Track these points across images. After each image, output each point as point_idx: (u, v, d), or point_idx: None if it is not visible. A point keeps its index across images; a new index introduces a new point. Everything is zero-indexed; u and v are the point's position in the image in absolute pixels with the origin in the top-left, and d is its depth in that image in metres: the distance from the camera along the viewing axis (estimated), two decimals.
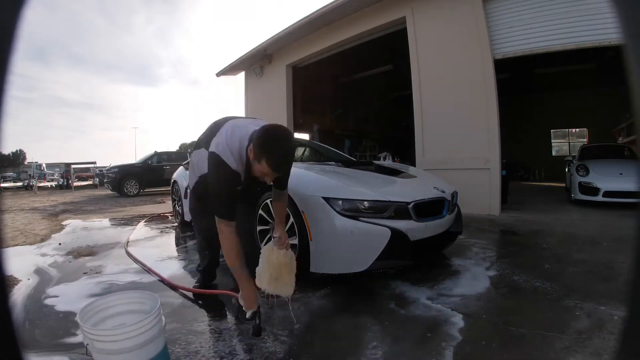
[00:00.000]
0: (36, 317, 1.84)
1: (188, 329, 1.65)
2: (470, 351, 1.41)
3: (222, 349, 1.47)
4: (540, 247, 3.04)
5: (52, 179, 20.00)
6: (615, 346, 1.35)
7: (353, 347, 1.47)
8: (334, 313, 1.82)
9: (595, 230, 3.63)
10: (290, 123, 8.15)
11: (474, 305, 1.85)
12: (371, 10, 5.99)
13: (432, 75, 5.35)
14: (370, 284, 2.16)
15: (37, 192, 13.82)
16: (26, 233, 4.33)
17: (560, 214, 4.66)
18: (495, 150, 4.73)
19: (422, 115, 5.42)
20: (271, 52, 8.24)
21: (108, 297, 1.37)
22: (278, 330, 1.61)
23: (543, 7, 4.43)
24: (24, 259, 3.08)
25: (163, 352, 1.25)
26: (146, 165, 10.68)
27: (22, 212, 6.64)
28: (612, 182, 5.04)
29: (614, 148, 7.07)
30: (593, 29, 4.10)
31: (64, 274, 2.58)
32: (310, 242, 2.05)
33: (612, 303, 1.77)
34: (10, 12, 0.51)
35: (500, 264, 2.57)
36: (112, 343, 1.13)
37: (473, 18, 4.84)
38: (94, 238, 3.96)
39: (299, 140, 4.83)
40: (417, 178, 2.82)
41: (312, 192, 2.13)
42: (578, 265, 2.46)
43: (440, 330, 1.59)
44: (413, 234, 2.13)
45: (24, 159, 46.68)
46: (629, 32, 0.43)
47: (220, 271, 2.24)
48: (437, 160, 5.15)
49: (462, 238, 3.05)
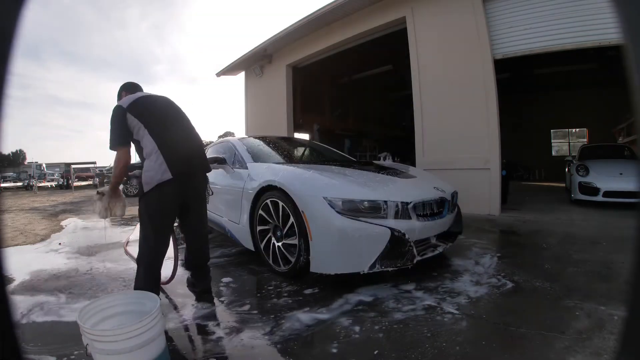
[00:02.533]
0: (34, 316, 1.84)
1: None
2: (470, 351, 1.41)
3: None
4: (540, 247, 3.04)
5: (52, 179, 20.02)
6: (615, 346, 1.35)
7: (352, 347, 1.47)
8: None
9: (595, 230, 3.63)
10: (290, 123, 8.15)
11: (473, 305, 1.85)
12: (371, 10, 5.99)
13: (432, 75, 5.34)
14: (370, 284, 2.16)
15: (37, 192, 13.82)
16: (26, 233, 4.34)
17: (560, 214, 4.65)
18: (495, 150, 4.73)
19: (422, 115, 5.41)
20: (271, 52, 8.24)
21: (108, 297, 1.37)
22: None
23: (543, 7, 4.43)
24: (24, 259, 3.08)
25: (163, 353, 1.25)
26: None
27: (22, 212, 6.64)
28: (612, 182, 5.04)
29: (614, 148, 7.07)
30: (593, 29, 4.10)
31: (64, 274, 2.58)
32: (310, 241, 2.05)
33: (612, 303, 1.77)
34: (10, 12, 0.51)
35: (500, 264, 2.57)
36: (112, 343, 1.13)
37: (473, 18, 4.84)
38: (94, 238, 3.96)
39: (299, 140, 4.84)
40: (417, 178, 2.82)
41: (313, 191, 2.13)
42: (578, 265, 2.46)
43: (440, 330, 1.58)
44: (413, 233, 2.14)
45: (24, 159, 46.69)
46: (629, 32, 0.43)
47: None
48: (437, 160, 5.15)
49: (462, 238, 3.05)
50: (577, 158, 6.47)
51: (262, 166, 2.78)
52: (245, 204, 2.62)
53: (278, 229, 2.37)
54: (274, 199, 2.33)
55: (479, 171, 4.78)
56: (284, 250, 2.30)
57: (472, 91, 4.89)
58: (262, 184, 2.45)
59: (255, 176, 2.64)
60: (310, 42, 7.30)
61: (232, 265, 2.72)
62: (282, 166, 2.69)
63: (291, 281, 2.25)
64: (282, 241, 2.32)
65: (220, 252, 3.11)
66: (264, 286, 2.25)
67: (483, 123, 4.79)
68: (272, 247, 2.40)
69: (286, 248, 2.29)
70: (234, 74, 9.96)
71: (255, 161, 2.95)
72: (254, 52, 8.29)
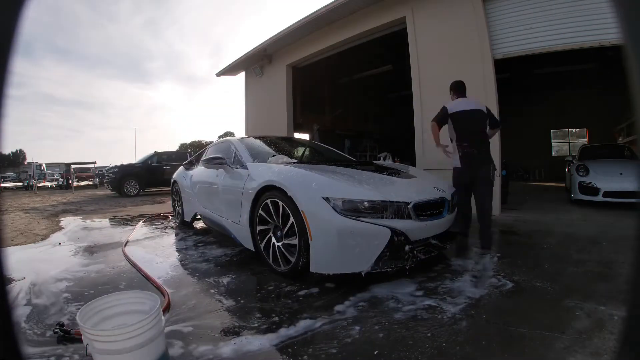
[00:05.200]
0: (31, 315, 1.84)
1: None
2: (470, 351, 1.41)
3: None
4: (540, 247, 3.04)
5: (52, 179, 20.03)
6: (615, 346, 1.35)
7: (352, 347, 1.47)
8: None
9: (595, 230, 3.63)
10: (290, 123, 8.15)
11: (473, 306, 1.85)
12: (371, 10, 5.99)
13: (432, 75, 5.34)
14: (370, 284, 2.16)
15: (37, 192, 13.82)
16: (26, 233, 4.34)
17: (560, 214, 4.65)
18: (495, 150, 4.72)
19: (422, 115, 5.41)
20: (271, 52, 8.24)
21: (108, 297, 1.37)
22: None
23: (543, 7, 4.43)
24: (24, 258, 3.08)
25: (164, 353, 1.25)
26: (146, 165, 10.68)
27: (22, 212, 6.64)
28: (612, 182, 5.04)
29: (614, 148, 7.07)
30: (593, 29, 4.10)
31: (63, 274, 2.59)
32: (311, 241, 2.05)
33: (612, 303, 1.77)
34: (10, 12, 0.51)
35: (500, 264, 2.57)
36: (112, 343, 1.13)
37: (473, 18, 4.84)
38: (93, 238, 3.96)
39: (299, 140, 4.84)
40: (417, 178, 2.82)
41: (313, 192, 2.13)
42: (578, 265, 2.46)
43: (440, 330, 1.59)
44: (413, 234, 2.14)
45: (24, 159, 46.73)
46: (629, 32, 0.43)
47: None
48: (437, 160, 5.14)
49: (462, 238, 3.05)
50: (577, 158, 6.47)
51: (262, 166, 2.79)
52: (245, 204, 2.62)
53: (278, 229, 2.37)
54: (274, 199, 2.33)
55: None
56: (284, 250, 2.29)
57: (472, 91, 4.86)
58: (262, 184, 2.45)
59: (255, 176, 2.64)
60: (310, 42, 7.30)
61: (232, 265, 2.72)
62: (282, 166, 2.69)
63: (291, 281, 2.25)
64: (282, 241, 2.32)
65: (220, 252, 3.11)
66: (263, 286, 2.24)
67: None
68: (272, 247, 2.40)
69: (286, 248, 2.29)
70: (234, 74, 9.97)
71: (256, 161, 2.95)
72: (254, 52, 8.29)
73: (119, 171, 10.30)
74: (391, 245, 2.02)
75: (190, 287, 2.28)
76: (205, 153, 4.19)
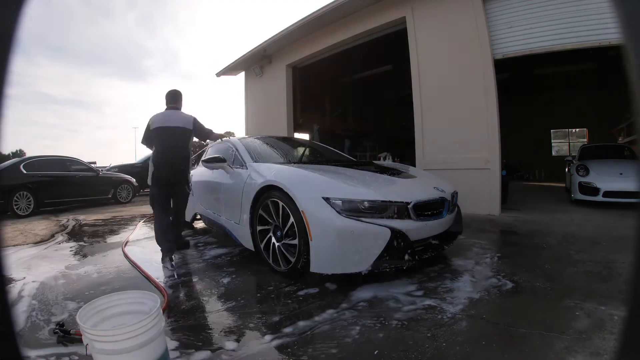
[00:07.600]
0: (31, 315, 1.84)
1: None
2: (470, 351, 1.41)
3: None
4: (540, 247, 3.03)
5: None
6: (615, 346, 1.35)
7: (352, 347, 1.47)
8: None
9: (595, 230, 3.63)
10: (290, 123, 8.15)
11: (473, 306, 1.85)
12: (371, 10, 5.99)
13: (432, 75, 5.34)
14: (370, 284, 2.16)
15: None
16: (26, 233, 4.34)
17: (560, 214, 4.65)
18: (495, 150, 4.73)
19: (422, 115, 5.41)
20: (271, 52, 8.24)
21: (108, 297, 1.37)
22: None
23: (543, 7, 4.44)
24: (24, 258, 3.08)
25: (164, 353, 1.25)
26: (146, 165, 10.63)
27: None
28: (612, 182, 5.04)
29: (614, 148, 7.06)
30: (593, 29, 4.10)
31: (63, 274, 2.58)
32: (311, 242, 2.05)
33: (612, 303, 1.77)
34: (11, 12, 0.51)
35: (500, 264, 2.57)
36: (112, 343, 1.13)
37: (473, 18, 4.84)
38: (93, 238, 3.96)
39: (299, 140, 4.84)
40: (417, 178, 2.82)
41: (313, 192, 2.13)
42: (578, 265, 2.46)
43: (440, 330, 1.58)
44: (413, 234, 2.14)
45: None
46: (629, 32, 0.43)
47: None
48: (437, 160, 5.15)
49: (462, 238, 3.05)
50: (577, 158, 6.47)
51: (262, 166, 2.78)
52: (245, 203, 2.62)
53: (278, 229, 2.37)
54: (274, 199, 2.33)
55: (479, 171, 4.78)
56: (284, 250, 2.30)
57: (472, 91, 4.89)
58: (262, 184, 2.45)
59: (255, 176, 2.64)
60: (310, 42, 7.30)
61: (232, 265, 2.72)
62: (282, 166, 2.69)
63: (291, 281, 2.25)
64: (282, 241, 2.32)
65: (220, 252, 3.11)
66: (263, 286, 2.24)
67: (483, 123, 4.79)
68: (272, 247, 2.40)
69: (286, 248, 2.29)
70: (234, 74, 9.97)
71: (255, 161, 2.95)
72: (254, 52, 8.29)
73: (119, 171, 10.28)
74: (391, 245, 2.02)
75: (190, 287, 2.28)
76: (205, 153, 4.19)
